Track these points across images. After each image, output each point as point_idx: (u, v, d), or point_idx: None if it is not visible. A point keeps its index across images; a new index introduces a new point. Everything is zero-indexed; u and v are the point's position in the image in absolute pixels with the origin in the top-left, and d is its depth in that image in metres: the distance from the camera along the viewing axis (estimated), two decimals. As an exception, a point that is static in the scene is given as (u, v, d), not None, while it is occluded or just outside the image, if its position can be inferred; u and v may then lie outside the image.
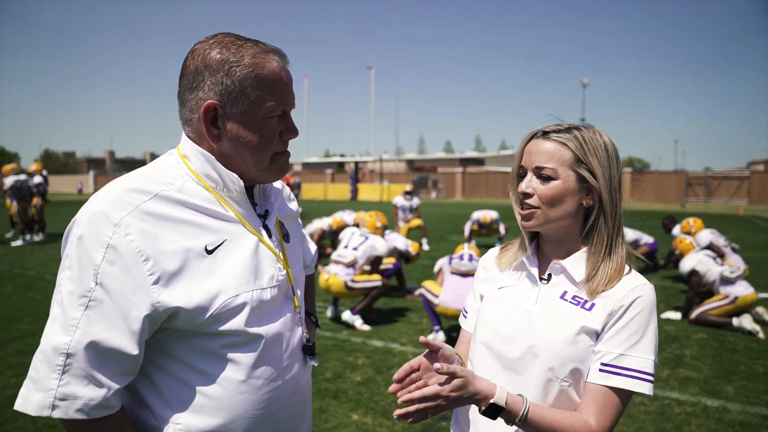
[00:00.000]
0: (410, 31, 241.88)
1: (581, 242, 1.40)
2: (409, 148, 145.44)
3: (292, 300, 1.37)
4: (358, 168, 46.15)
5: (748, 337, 6.06)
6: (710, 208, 31.29)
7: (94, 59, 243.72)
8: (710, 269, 6.66)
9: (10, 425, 3.76)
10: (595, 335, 1.31)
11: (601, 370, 1.28)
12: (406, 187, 14.17)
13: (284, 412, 1.31)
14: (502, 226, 12.80)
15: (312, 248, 1.74)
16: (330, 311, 6.68)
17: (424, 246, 12.97)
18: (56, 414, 1.09)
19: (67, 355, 1.09)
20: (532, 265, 1.45)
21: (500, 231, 12.77)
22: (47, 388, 1.09)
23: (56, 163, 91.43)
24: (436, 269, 6.44)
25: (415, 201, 13.69)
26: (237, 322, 1.20)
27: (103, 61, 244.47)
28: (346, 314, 6.38)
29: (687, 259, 6.91)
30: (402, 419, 1.21)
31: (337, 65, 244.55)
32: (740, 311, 6.41)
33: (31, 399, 1.10)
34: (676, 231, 9.51)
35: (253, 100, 1.23)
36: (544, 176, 1.35)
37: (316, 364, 1.42)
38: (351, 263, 6.44)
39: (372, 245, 6.65)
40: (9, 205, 13.45)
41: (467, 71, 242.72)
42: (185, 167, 1.27)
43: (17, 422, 3.76)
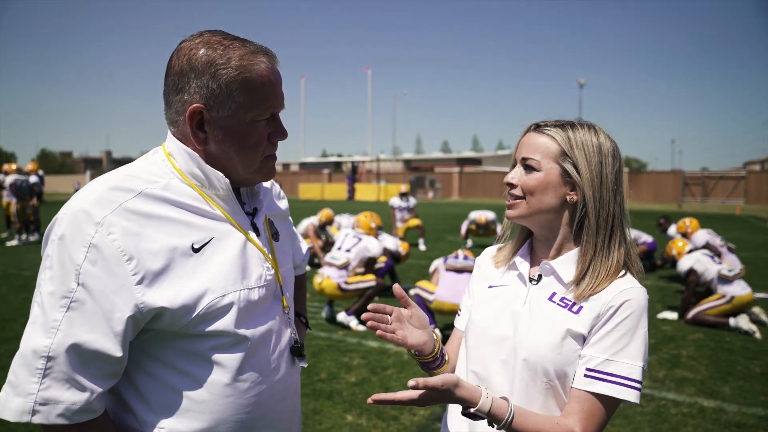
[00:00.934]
0: (407, 32, 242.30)
1: (573, 242, 1.38)
2: (406, 148, 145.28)
3: (280, 300, 1.34)
4: (355, 168, 46.06)
5: (745, 338, 6.05)
6: (707, 208, 31.35)
7: (91, 59, 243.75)
8: (708, 268, 6.65)
9: (3, 427, 3.73)
10: (581, 339, 1.28)
11: (586, 376, 1.24)
12: (401, 188, 14.16)
13: (272, 416, 1.29)
14: (499, 226, 12.78)
15: (303, 248, 1.70)
16: (325, 312, 6.66)
17: (421, 246, 12.95)
18: (36, 419, 1.06)
19: (48, 358, 1.06)
20: (524, 265, 1.43)
21: (497, 231, 12.76)
22: (27, 393, 1.06)
23: (53, 163, 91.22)
24: (431, 270, 6.42)
25: (412, 201, 13.69)
26: (224, 323, 1.17)
27: (101, 61, 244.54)
28: (341, 315, 6.36)
29: (685, 259, 6.90)
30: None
31: (334, 65, 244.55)
32: (737, 311, 6.41)
33: (9, 404, 1.06)
34: (672, 231, 9.51)
35: (240, 104, 1.19)
36: (529, 167, 1.35)
37: (305, 365, 1.39)
38: (344, 265, 6.41)
39: (365, 246, 6.64)
40: (8, 204, 13.41)
41: (464, 71, 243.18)
42: (170, 165, 1.24)
43: (9, 424, 3.73)
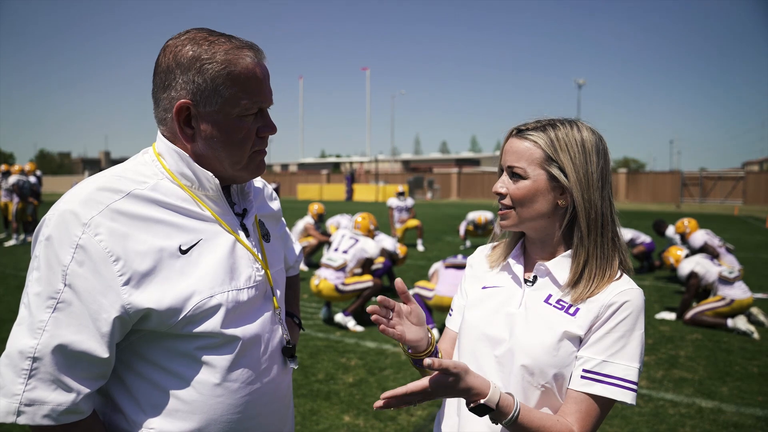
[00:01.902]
0: (406, 32, 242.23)
1: (566, 244, 1.36)
2: (404, 149, 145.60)
3: (271, 301, 1.33)
4: (353, 172, 46.04)
5: (743, 338, 6.05)
6: (705, 209, 31.36)
7: (89, 60, 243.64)
8: (709, 270, 6.67)
9: (3, 426, 3.72)
10: (578, 341, 1.27)
11: (583, 377, 1.24)
12: (398, 188, 14.16)
13: (262, 417, 1.27)
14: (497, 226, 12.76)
15: (296, 248, 1.70)
16: (323, 312, 6.65)
17: (419, 247, 12.95)
18: (22, 420, 1.05)
19: (34, 359, 1.05)
20: (518, 266, 1.41)
21: (496, 232, 12.70)
22: (12, 393, 1.05)
23: (52, 163, 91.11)
24: (430, 272, 6.41)
25: (409, 201, 13.68)
26: (212, 324, 1.17)
27: (99, 62, 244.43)
28: (339, 316, 6.35)
29: (685, 263, 6.92)
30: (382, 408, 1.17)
31: (332, 66, 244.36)
32: (735, 313, 6.42)
33: None
34: (670, 232, 9.49)
35: (226, 99, 1.19)
36: (516, 175, 1.33)
37: (295, 366, 1.38)
38: (341, 267, 6.41)
39: (362, 248, 6.64)
40: (6, 204, 13.41)
41: (463, 71, 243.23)
42: (159, 165, 1.24)
43: (4, 426, 3.71)
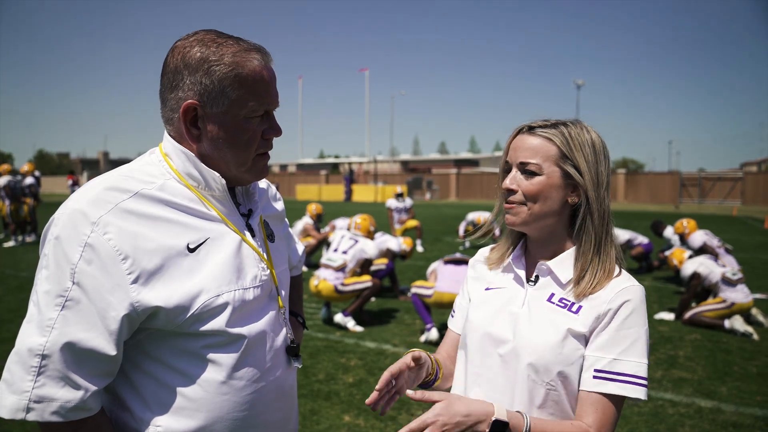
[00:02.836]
0: (405, 33, 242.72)
1: (568, 242, 1.38)
2: (403, 149, 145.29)
3: (276, 300, 1.34)
4: (352, 172, 46.00)
5: (742, 338, 6.07)
6: (704, 209, 31.40)
7: (88, 60, 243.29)
8: (713, 271, 6.69)
9: (2, 426, 3.73)
10: (582, 339, 1.28)
11: (596, 377, 1.24)
12: (396, 189, 14.16)
13: (267, 415, 1.29)
14: (497, 227, 12.77)
15: (299, 249, 1.71)
16: (323, 313, 6.66)
17: (419, 247, 12.95)
18: (31, 417, 1.06)
19: (43, 356, 1.07)
20: (519, 266, 1.42)
21: (495, 232, 12.73)
22: (21, 390, 1.06)
23: (50, 163, 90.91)
24: (428, 271, 6.41)
25: (408, 201, 13.67)
26: (218, 323, 1.18)
27: (98, 62, 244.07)
28: (339, 316, 6.36)
29: (688, 263, 6.93)
30: None
31: (331, 66, 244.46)
32: (733, 315, 6.43)
33: (4, 402, 1.07)
34: (669, 233, 9.50)
35: (233, 100, 1.20)
36: (528, 172, 1.33)
37: (299, 366, 1.40)
38: (340, 267, 6.41)
39: (361, 248, 6.65)
40: (1, 206, 13.36)
41: (462, 72, 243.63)
42: (166, 165, 1.25)
43: (6, 426, 3.72)
